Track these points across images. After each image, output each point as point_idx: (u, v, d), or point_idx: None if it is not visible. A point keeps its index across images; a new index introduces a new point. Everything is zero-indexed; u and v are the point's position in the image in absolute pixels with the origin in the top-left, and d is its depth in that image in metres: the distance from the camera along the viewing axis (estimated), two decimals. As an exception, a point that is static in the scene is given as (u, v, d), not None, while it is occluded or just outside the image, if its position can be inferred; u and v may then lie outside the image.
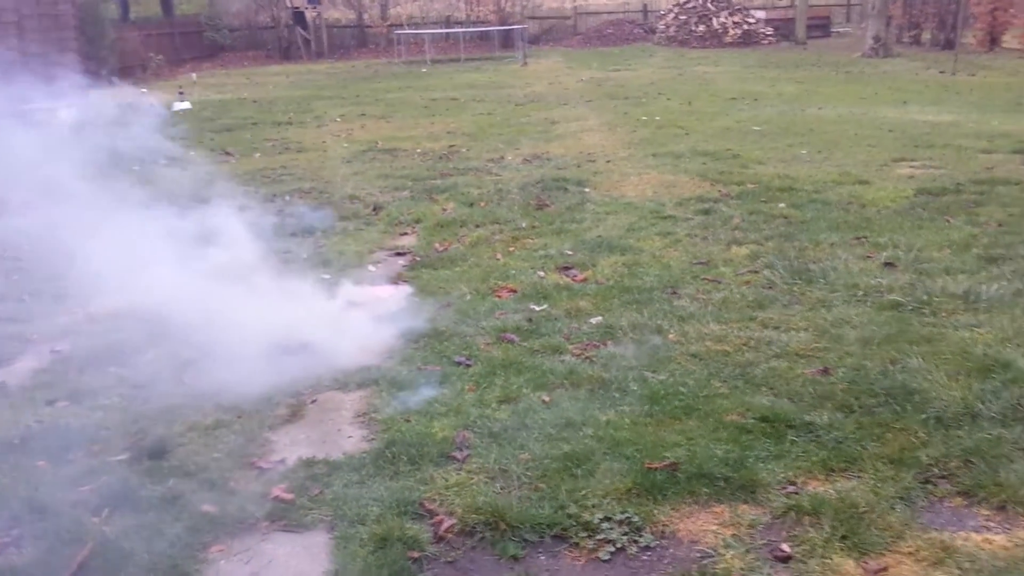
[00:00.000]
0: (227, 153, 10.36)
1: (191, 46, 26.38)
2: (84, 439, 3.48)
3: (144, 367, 4.15)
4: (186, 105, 14.80)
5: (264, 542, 2.88)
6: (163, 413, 3.68)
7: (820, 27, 27.96)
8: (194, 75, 20.80)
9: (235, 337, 4.09)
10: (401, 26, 28.27)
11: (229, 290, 4.33)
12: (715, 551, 2.73)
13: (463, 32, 27.04)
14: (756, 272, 5.32)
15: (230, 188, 6.94)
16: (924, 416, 3.43)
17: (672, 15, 27.71)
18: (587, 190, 7.75)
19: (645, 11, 31.24)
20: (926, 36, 24.15)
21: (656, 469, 3.12)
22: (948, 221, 6.31)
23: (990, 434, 3.29)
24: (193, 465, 3.29)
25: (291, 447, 3.46)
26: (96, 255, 4.33)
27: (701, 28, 26.92)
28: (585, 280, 5.28)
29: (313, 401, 3.84)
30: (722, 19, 26.92)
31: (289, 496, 3.08)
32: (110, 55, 20.07)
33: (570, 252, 5.86)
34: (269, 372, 3.96)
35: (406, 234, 6.58)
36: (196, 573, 2.73)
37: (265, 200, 7.67)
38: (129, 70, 21.36)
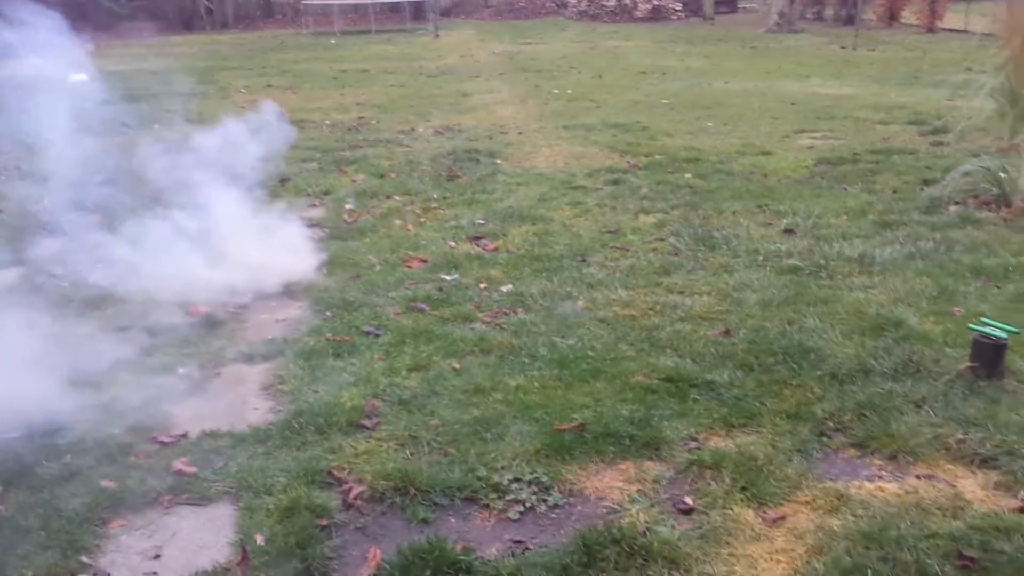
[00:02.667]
0: (125, 125, 9.98)
1: (86, 17, 25.30)
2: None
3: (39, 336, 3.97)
4: (82, 77, 14.20)
5: (167, 515, 2.81)
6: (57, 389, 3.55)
7: (727, 3, 28.42)
8: (90, 46, 19.95)
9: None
10: (309, -3, 27.59)
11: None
12: (621, 506, 2.79)
13: (373, 3, 26.56)
14: (663, 240, 5.41)
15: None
16: (820, 373, 3.56)
17: (583, -11, 27.77)
18: (499, 161, 7.74)
19: (556, -15, 31.24)
20: (828, 12, 24.79)
21: (564, 430, 3.16)
22: (846, 189, 6.53)
23: (882, 388, 3.43)
24: (91, 441, 3.19)
25: (194, 421, 3.38)
26: None
27: (612, 3, 27.07)
28: (496, 249, 5.29)
29: (217, 374, 3.76)
30: (632, -6, 27.12)
31: (192, 469, 3.01)
32: (-2, 24, 19.11)
33: (481, 222, 5.85)
34: (170, 343, 3.86)
35: (314, 206, 6.47)
36: (96, 548, 2.65)
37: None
38: (20, 40, 20.36)
